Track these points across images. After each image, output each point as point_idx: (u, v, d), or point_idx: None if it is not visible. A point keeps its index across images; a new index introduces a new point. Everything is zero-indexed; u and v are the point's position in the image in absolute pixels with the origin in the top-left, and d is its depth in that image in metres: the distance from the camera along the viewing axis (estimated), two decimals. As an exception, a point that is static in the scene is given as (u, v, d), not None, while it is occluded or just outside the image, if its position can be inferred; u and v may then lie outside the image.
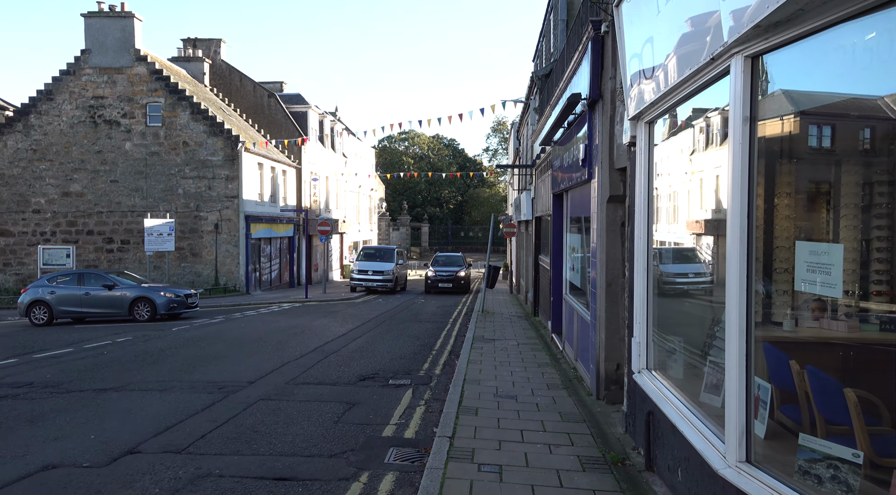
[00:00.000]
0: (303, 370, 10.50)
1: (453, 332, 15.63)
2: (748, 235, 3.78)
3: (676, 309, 6.06)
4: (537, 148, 17.39)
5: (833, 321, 3.65)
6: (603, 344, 8.16)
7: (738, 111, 3.72)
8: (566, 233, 12.13)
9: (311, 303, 23.95)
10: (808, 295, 3.56)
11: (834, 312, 3.63)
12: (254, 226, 29.05)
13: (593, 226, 8.66)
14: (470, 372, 9.89)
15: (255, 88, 35.80)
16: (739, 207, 3.78)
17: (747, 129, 3.70)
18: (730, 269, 3.93)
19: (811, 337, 3.87)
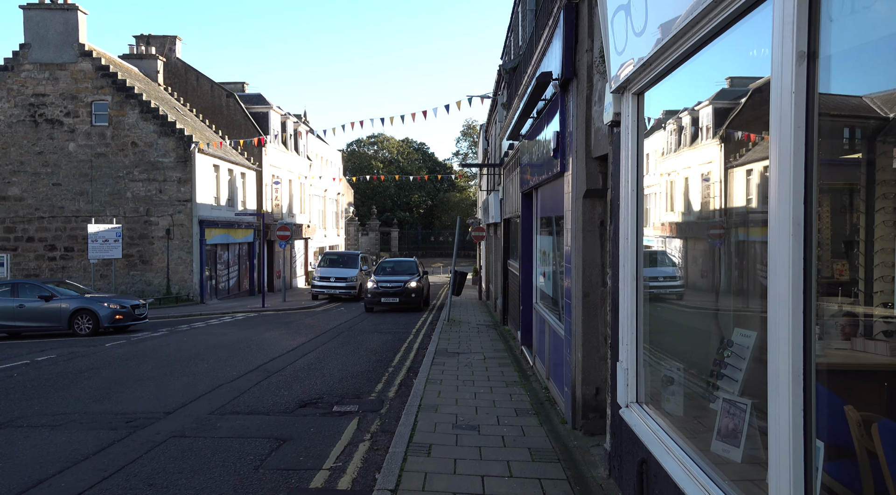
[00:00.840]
0: (236, 395, 9.05)
1: (415, 345, 14.28)
2: (805, 232, 2.52)
3: (673, 325, 4.83)
4: (505, 145, 16.17)
5: (870, 341, 2.49)
6: (579, 364, 6.90)
7: (789, 42, 2.46)
8: (536, 236, 10.88)
9: (267, 313, 22.38)
10: None
11: (869, 330, 2.48)
12: (209, 232, 27.36)
13: (567, 226, 7.41)
14: (427, 396, 8.55)
15: (213, 88, 34.07)
16: (790, 194, 2.51)
17: (803, 71, 2.44)
18: (775, 282, 2.67)
19: (863, 363, 2.64)
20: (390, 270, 23.74)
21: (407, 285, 22.12)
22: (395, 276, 22.75)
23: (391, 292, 21.83)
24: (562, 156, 7.52)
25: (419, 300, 22.48)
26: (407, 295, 21.95)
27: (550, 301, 9.32)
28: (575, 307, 7.00)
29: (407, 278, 22.50)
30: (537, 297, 10.76)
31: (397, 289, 21.96)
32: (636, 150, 4.80)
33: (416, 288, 22.30)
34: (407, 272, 23.37)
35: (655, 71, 4.24)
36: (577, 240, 6.95)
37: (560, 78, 7.21)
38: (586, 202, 6.81)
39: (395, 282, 22.16)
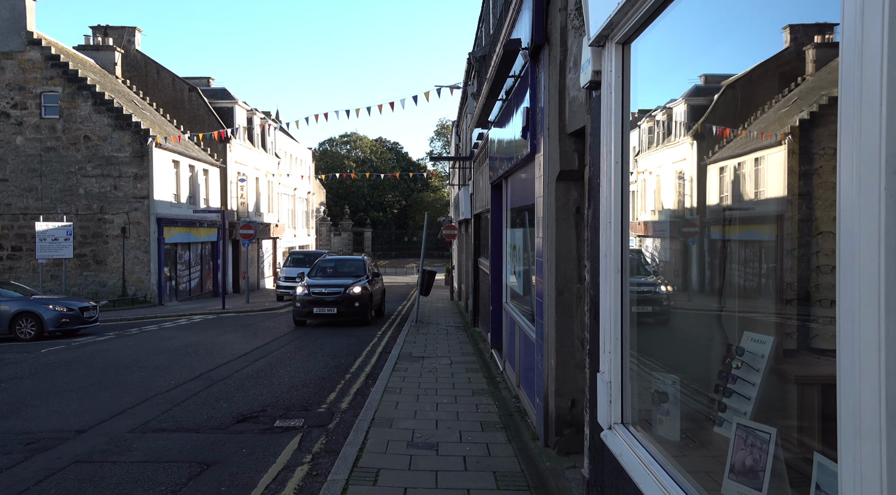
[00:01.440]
0: (166, 408, 7.96)
1: (378, 348, 13.27)
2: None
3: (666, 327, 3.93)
4: (475, 136, 15.25)
5: None
6: (552, 372, 5.97)
7: None
8: (506, 230, 9.96)
9: (227, 315, 21.16)
10: None
11: None
12: (168, 230, 25.99)
13: (538, 214, 6.49)
14: (383, 408, 7.56)
15: (175, 81, 32.62)
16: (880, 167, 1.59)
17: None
18: (855, 270, 1.75)
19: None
20: (330, 271, 18.85)
21: (349, 291, 16.99)
22: (335, 279, 17.72)
23: (327, 300, 16.83)
24: (532, 136, 6.60)
25: (365, 310, 17.24)
26: (349, 304, 16.90)
27: (522, 300, 8.41)
28: (547, 307, 6.07)
29: (349, 282, 17.38)
30: (507, 297, 9.83)
31: (335, 296, 16.89)
32: (620, 113, 3.88)
33: (360, 294, 17.09)
34: (351, 274, 18.28)
35: (644, 6, 3.31)
36: (549, 231, 6.03)
37: (530, 45, 6.28)
38: (560, 186, 5.89)
39: (334, 288, 17.08)
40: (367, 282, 17.80)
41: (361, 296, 17.19)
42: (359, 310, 17.14)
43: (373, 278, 18.71)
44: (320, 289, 17.05)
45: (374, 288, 18.53)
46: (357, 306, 17.05)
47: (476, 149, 15.38)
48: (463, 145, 21.84)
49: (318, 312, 16.90)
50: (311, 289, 17.07)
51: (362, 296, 17.22)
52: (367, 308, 17.38)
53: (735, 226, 3.15)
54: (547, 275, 6.06)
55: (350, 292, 17.09)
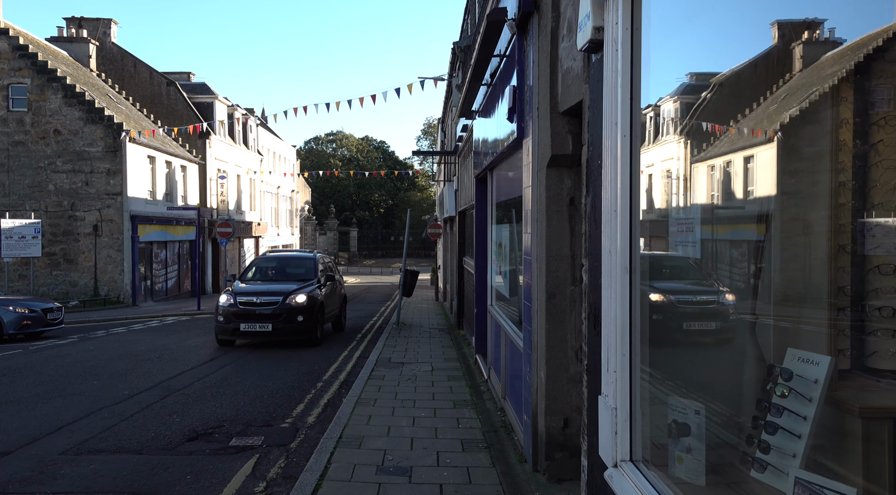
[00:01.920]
0: (111, 423, 7.11)
1: (356, 352, 12.45)
2: None
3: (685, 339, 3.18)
4: (459, 129, 14.48)
5: None
6: (542, 386, 5.20)
7: None
8: (491, 226, 9.19)
9: (202, 317, 20.22)
10: None
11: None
12: (143, 228, 24.99)
13: (526, 207, 5.73)
14: (354, 423, 6.76)
15: (153, 75, 31.57)
16: None
17: None
18: None
19: None
20: (271, 273, 14.55)
21: (290, 301, 12.66)
22: (274, 285, 13.47)
23: (259, 313, 12.52)
24: (519, 118, 5.83)
25: (312, 326, 12.81)
26: (289, 318, 12.53)
27: (508, 303, 7.64)
28: (537, 312, 5.30)
29: (292, 288, 13.02)
30: (493, 299, 9.06)
31: (271, 307, 12.57)
32: (629, 75, 3.11)
33: (304, 305, 12.72)
34: (297, 277, 14.10)
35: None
36: (538, 225, 5.26)
37: (518, 14, 5.50)
38: (551, 173, 5.12)
39: (269, 296, 12.78)
40: (316, 288, 13.32)
41: (307, 308, 12.66)
42: (303, 327, 12.58)
43: (326, 282, 14.21)
44: (250, 299, 12.64)
45: (327, 295, 13.99)
46: (301, 321, 12.53)
47: (460, 143, 14.61)
48: (448, 141, 21.08)
49: (247, 329, 12.41)
50: (237, 297, 12.70)
51: (308, 308, 12.67)
52: (315, 323, 12.80)
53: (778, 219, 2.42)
54: (536, 276, 5.29)
55: (291, 302, 12.56)
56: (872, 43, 1.92)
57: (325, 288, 14.07)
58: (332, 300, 14.76)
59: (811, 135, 2.27)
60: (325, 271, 14.96)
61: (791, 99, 2.28)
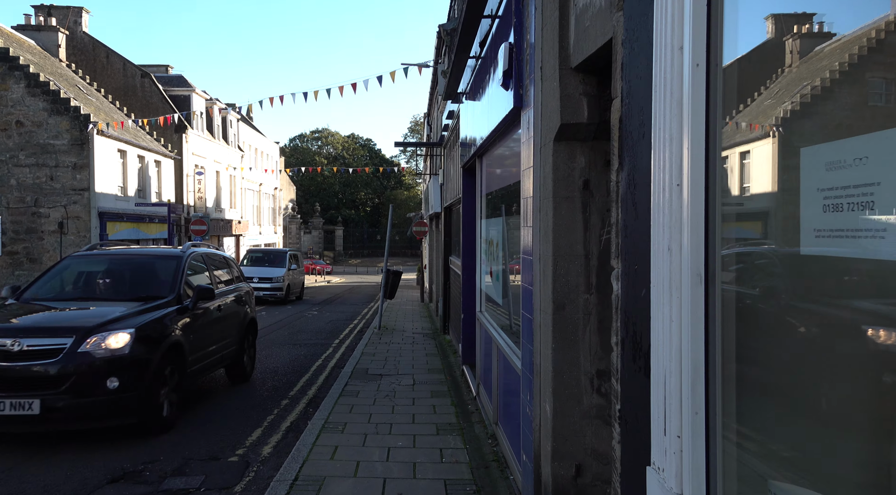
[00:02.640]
0: (18, 461, 5.85)
1: (331, 362, 11.24)
2: None
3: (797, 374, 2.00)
4: (445, 117, 13.32)
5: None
6: (548, 422, 4.04)
7: None
8: (480, 221, 8.01)
9: (171, 320, 18.87)
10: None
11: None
12: (112, 226, 23.57)
13: (526, 193, 4.57)
14: (315, 457, 5.56)
15: (126, 67, 30.09)
16: None
17: None
18: None
19: None
20: (100, 286, 7.74)
21: (87, 349, 6.03)
22: (68, 313, 6.85)
23: (14, 375, 5.87)
24: (517, 83, 4.66)
25: (138, 398, 6.24)
26: (81, 388, 5.95)
27: (500, 310, 6.48)
28: (540, 327, 4.14)
29: (104, 320, 6.36)
30: (482, 304, 7.88)
31: (42, 363, 5.93)
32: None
33: (121, 358, 6.17)
34: (136, 291, 7.48)
35: None
36: (543, 216, 4.10)
37: (515, -49, 4.34)
38: (560, 149, 3.95)
39: (41, 340, 6.04)
40: (165, 317, 6.95)
41: (129, 362, 6.24)
42: (116, 401, 6.13)
43: (200, 300, 7.63)
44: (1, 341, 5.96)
45: (201, 325, 7.70)
46: (114, 389, 6.09)
47: (446, 133, 13.43)
48: (434, 135, 19.89)
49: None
50: None
51: (133, 362, 6.27)
52: (147, 392, 6.38)
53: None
54: (540, 281, 4.13)
55: (93, 350, 6.10)
56: None
57: (195, 314, 7.47)
58: (215, 332, 8.16)
59: None
60: (205, 279, 8.32)
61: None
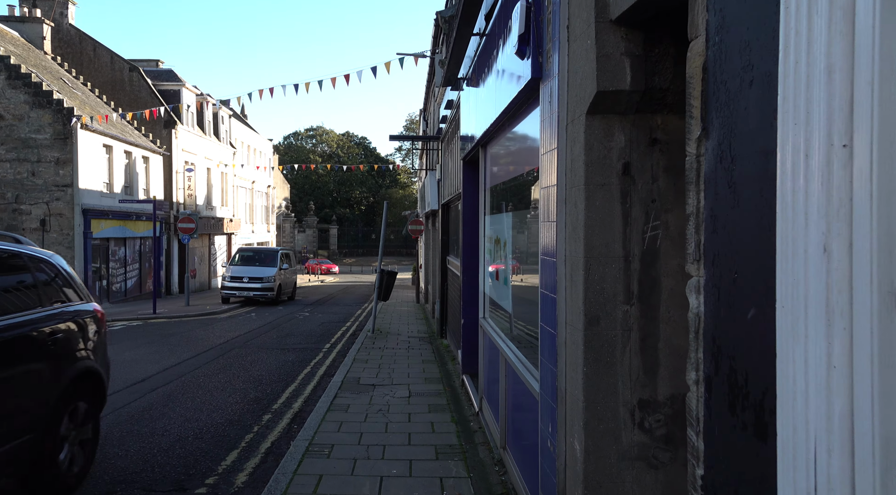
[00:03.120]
0: (-43, 489, 5.03)
1: (320, 369, 10.44)
2: None
3: None
4: (443, 107, 12.53)
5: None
6: (579, 463, 3.24)
7: None
8: (484, 217, 7.21)
9: (155, 321, 18.04)
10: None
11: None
12: (98, 223, 22.70)
13: (547, 181, 3.77)
14: (294, 491, 4.76)
15: (114, 60, 29.17)
16: None
17: None
18: None
19: None
20: None
21: None
22: None
23: None
24: (535, 50, 3.86)
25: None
26: None
27: (508, 317, 5.70)
28: (567, 344, 3.35)
29: None
30: (485, 309, 7.09)
31: None
32: None
33: None
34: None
35: None
36: (571, 208, 3.30)
37: None
38: (594, 124, 3.15)
39: None
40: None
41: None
42: None
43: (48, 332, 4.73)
44: None
45: None
46: None
47: (444, 125, 12.63)
48: (431, 130, 19.07)
49: None
50: None
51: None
52: None
53: None
54: (567, 289, 3.33)
55: None
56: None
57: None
58: None
59: None
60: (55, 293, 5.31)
61: None
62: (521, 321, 4.94)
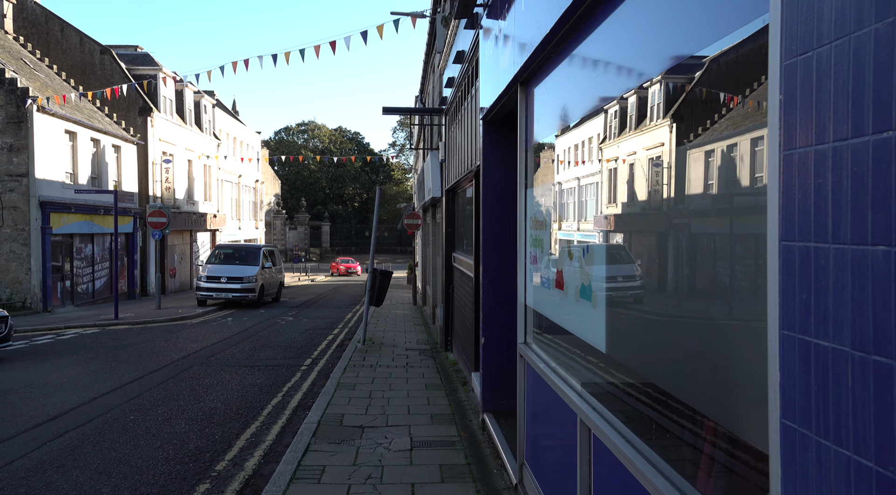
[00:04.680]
0: None
1: (293, 399, 8.00)
2: None
3: None
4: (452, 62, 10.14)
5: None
6: None
7: None
8: (524, 191, 4.75)
9: (115, 328, 15.52)
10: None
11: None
12: (58, 218, 20.14)
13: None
14: None
15: (84, 41, 26.55)
16: None
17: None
18: None
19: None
20: None
21: None
22: None
23: None
24: None
25: None
26: None
27: (587, 359, 3.31)
28: None
29: None
30: (528, 329, 4.65)
31: None
32: None
33: None
34: None
35: None
36: None
37: None
38: None
39: None
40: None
41: None
42: None
43: None
44: None
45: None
46: None
47: (450, 93, 10.18)
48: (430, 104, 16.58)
49: None
50: None
51: None
52: None
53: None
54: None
55: None
56: None
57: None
58: None
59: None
60: None
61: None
62: (639, 378, 2.53)
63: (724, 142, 1.90)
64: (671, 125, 2.26)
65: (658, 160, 2.36)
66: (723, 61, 1.89)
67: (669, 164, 2.26)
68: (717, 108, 1.96)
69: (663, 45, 2.27)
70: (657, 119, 2.36)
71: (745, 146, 1.76)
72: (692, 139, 2.12)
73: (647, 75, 2.45)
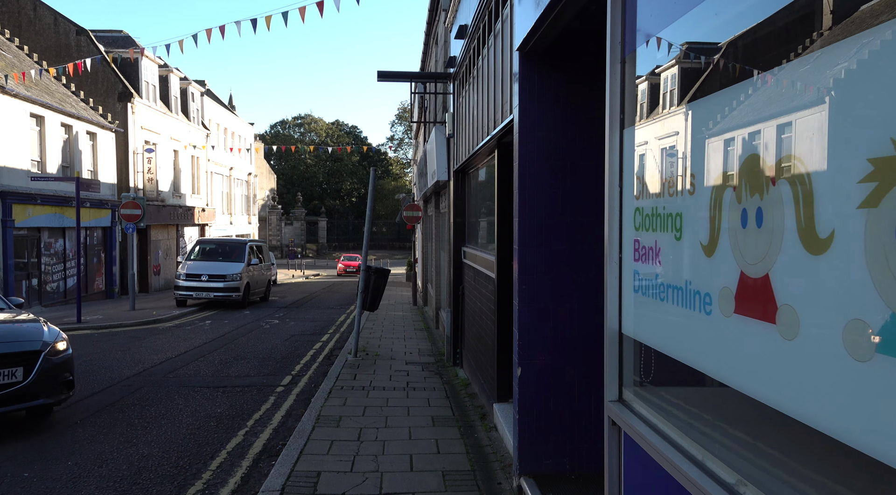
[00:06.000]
0: None
1: (257, 440, 5.97)
2: None
3: None
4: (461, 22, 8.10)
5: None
6: None
7: None
8: (617, 136, 2.75)
9: (73, 334, 13.47)
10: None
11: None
12: (23, 210, 18.08)
13: None
14: None
15: (58, 21, 24.45)
16: None
17: None
18: None
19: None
20: None
21: None
22: None
23: None
24: None
25: None
26: None
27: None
28: None
29: None
30: (623, 379, 2.63)
31: None
32: None
33: None
34: None
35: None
36: None
37: None
38: None
39: None
40: None
41: None
42: None
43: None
44: None
45: None
46: None
47: (465, 40, 8.11)
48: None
49: None
50: None
51: None
52: None
53: None
54: None
55: None
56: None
57: None
58: None
59: None
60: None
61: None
62: None
63: None
64: None
65: None
66: None
67: None
68: None
69: None
70: None
71: None
72: None
73: None
